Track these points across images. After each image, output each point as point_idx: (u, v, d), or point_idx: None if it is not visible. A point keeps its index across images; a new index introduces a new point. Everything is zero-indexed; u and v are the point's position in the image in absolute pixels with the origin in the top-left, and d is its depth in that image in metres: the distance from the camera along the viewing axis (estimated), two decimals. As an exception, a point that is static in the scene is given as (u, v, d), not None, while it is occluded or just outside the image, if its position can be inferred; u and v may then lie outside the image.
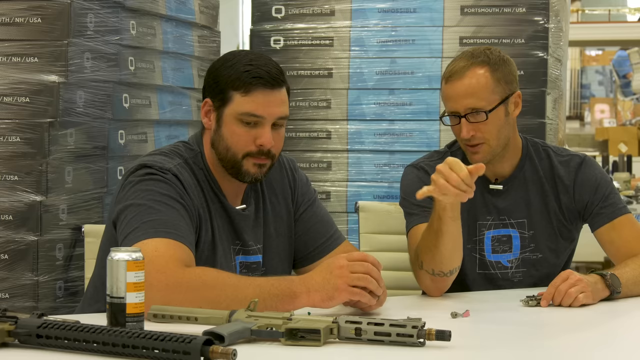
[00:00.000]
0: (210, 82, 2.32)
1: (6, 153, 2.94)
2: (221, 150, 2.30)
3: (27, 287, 2.92)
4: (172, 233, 2.13)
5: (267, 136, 2.26)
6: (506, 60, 2.62)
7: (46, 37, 2.98)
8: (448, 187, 2.28)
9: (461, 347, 1.89)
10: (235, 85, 2.26)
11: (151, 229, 2.13)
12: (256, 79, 2.25)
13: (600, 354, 1.94)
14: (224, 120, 2.29)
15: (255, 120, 2.26)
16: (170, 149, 2.36)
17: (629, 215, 2.68)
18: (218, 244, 2.31)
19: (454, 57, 2.67)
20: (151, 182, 2.21)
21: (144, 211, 2.17)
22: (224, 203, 2.34)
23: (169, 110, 3.66)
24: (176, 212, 2.19)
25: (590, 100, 13.33)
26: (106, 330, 1.70)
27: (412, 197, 2.60)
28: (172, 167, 2.25)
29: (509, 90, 2.60)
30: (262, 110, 2.26)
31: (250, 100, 2.25)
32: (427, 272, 2.47)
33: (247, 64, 2.27)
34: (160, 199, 2.19)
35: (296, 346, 1.85)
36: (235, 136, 2.27)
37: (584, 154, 2.79)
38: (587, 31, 9.69)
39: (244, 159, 2.28)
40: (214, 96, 2.30)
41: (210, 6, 3.97)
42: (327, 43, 3.90)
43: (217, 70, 2.31)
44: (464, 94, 2.55)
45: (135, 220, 2.16)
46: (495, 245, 2.66)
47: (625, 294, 2.45)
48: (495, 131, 2.57)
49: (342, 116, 3.89)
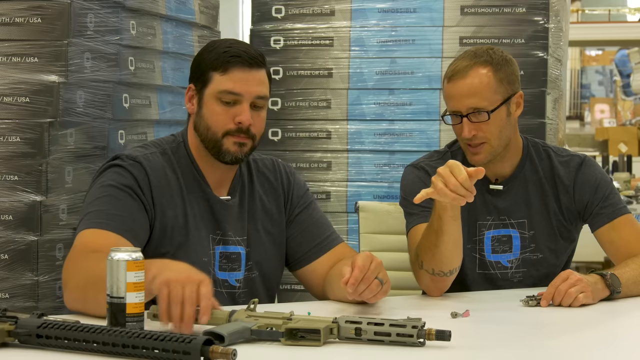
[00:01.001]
0: (193, 69, 2.40)
1: (6, 153, 2.93)
2: (202, 130, 2.36)
3: (27, 287, 2.92)
4: (103, 223, 2.22)
5: (245, 114, 2.31)
6: (509, 61, 2.62)
7: (46, 37, 2.97)
8: (446, 191, 2.28)
9: (461, 347, 1.89)
10: (214, 66, 2.33)
11: (89, 220, 2.25)
12: (234, 57, 2.31)
13: (600, 354, 1.94)
14: (204, 101, 2.35)
15: (233, 99, 2.32)
16: (155, 140, 2.46)
17: (628, 215, 2.68)
18: (192, 230, 2.34)
19: (455, 57, 2.67)
20: (109, 174, 2.32)
21: (91, 202, 2.29)
22: (206, 191, 2.38)
23: (169, 110, 3.66)
24: (119, 202, 2.26)
25: (590, 100, 13.33)
26: (106, 330, 1.71)
27: (412, 197, 2.60)
28: (139, 155, 2.34)
29: (512, 91, 2.60)
30: (240, 88, 2.31)
31: (227, 78, 2.32)
32: (427, 272, 2.46)
33: (227, 46, 2.35)
34: (106, 190, 2.28)
35: (296, 346, 1.85)
36: (215, 115, 2.33)
37: (584, 154, 2.79)
38: (587, 31, 9.69)
39: (223, 137, 2.33)
40: (195, 80, 2.38)
41: (210, 6, 3.97)
42: (327, 43, 3.90)
43: (199, 56, 2.39)
44: (466, 93, 2.55)
45: (83, 211, 2.30)
46: (495, 246, 2.66)
47: (625, 294, 2.45)
48: (496, 131, 2.57)
49: (342, 116, 3.89)
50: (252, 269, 2.42)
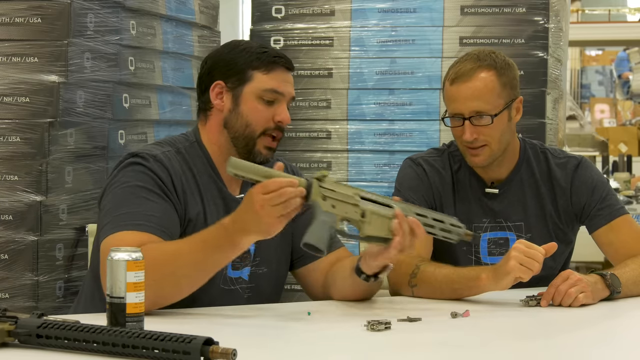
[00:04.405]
0: (222, 66, 2.39)
1: (6, 153, 2.94)
2: (238, 127, 2.37)
3: (27, 287, 2.92)
4: (140, 225, 2.19)
5: (285, 113, 2.39)
6: (511, 65, 2.62)
7: (46, 37, 2.98)
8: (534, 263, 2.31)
9: (461, 347, 1.89)
10: (255, 65, 2.37)
11: (121, 222, 2.19)
12: (277, 59, 2.39)
13: (600, 354, 1.94)
14: (243, 98, 2.37)
15: (275, 97, 2.37)
16: (165, 139, 2.44)
17: (626, 216, 2.67)
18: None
19: (457, 59, 2.66)
20: (131, 173, 2.27)
21: (118, 204, 2.24)
22: (221, 190, 2.38)
23: (169, 110, 3.66)
24: (150, 202, 2.23)
25: (590, 100, 13.33)
26: (106, 330, 1.70)
27: (407, 192, 2.62)
28: (159, 153, 2.31)
29: (513, 95, 2.60)
30: (282, 88, 2.38)
31: (271, 78, 2.37)
32: (411, 291, 2.46)
33: (261, 47, 2.42)
34: (134, 191, 2.24)
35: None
36: (257, 112, 2.37)
37: (581, 155, 2.79)
38: (587, 31, 9.69)
39: (259, 136, 2.37)
40: (228, 78, 2.38)
41: (210, 6, 3.97)
42: (327, 43, 3.90)
43: (228, 55, 2.40)
44: (470, 96, 2.54)
45: (109, 214, 2.23)
46: (492, 248, 2.66)
47: (625, 294, 2.45)
48: (498, 135, 2.57)
49: (342, 116, 3.89)
50: (259, 264, 2.42)
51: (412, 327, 2.06)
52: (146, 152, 2.31)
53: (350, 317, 2.21)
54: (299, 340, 1.97)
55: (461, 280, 2.40)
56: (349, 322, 2.14)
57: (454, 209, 2.64)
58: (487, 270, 2.39)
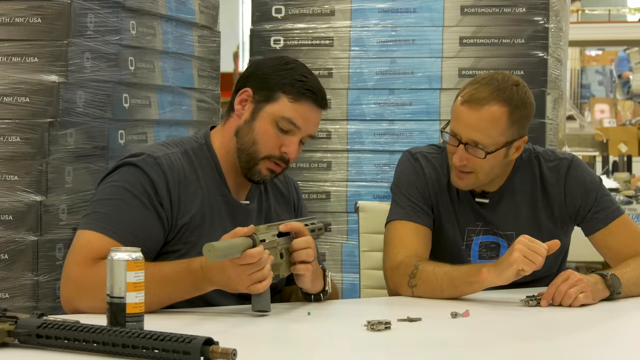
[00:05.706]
0: (259, 76, 2.36)
1: (6, 153, 2.93)
2: (246, 141, 2.34)
3: (27, 287, 2.92)
4: (109, 230, 2.21)
5: (293, 147, 2.33)
6: (527, 104, 2.55)
7: (46, 37, 2.97)
8: (537, 256, 2.31)
9: (461, 347, 1.89)
10: (286, 90, 2.32)
11: (96, 221, 2.23)
12: (309, 92, 2.32)
13: (600, 354, 1.94)
14: (260, 116, 2.33)
15: (290, 129, 2.32)
16: (175, 139, 2.43)
17: (622, 217, 2.66)
18: (207, 231, 2.32)
19: (479, 75, 2.59)
20: (125, 174, 2.28)
21: (101, 200, 2.27)
22: (226, 195, 2.37)
23: (169, 110, 3.66)
24: (131, 209, 2.24)
25: (590, 100, 13.32)
26: (106, 330, 1.70)
27: (404, 187, 2.61)
28: (161, 155, 2.30)
29: (518, 135, 2.54)
30: (302, 123, 2.32)
31: (295, 108, 2.31)
32: (411, 291, 2.46)
33: (303, 74, 2.35)
34: (120, 192, 2.26)
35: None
36: (266, 135, 2.32)
37: (572, 154, 2.76)
38: (587, 31, 9.68)
39: (262, 160, 2.33)
40: (258, 89, 2.35)
41: (210, 6, 3.97)
42: (327, 43, 3.90)
43: (270, 68, 2.36)
44: (473, 125, 2.49)
45: (92, 206, 2.29)
46: (483, 252, 2.65)
47: (626, 294, 2.45)
48: (487, 168, 2.53)
49: (342, 116, 3.89)
50: None
51: (412, 327, 2.06)
52: (148, 153, 2.30)
53: (350, 317, 2.21)
54: (299, 340, 1.98)
55: (462, 276, 2.40)
56: (349, 322, 2.14)
57: (451, 208, 2.64)
58: (488, 265, 2.38)
